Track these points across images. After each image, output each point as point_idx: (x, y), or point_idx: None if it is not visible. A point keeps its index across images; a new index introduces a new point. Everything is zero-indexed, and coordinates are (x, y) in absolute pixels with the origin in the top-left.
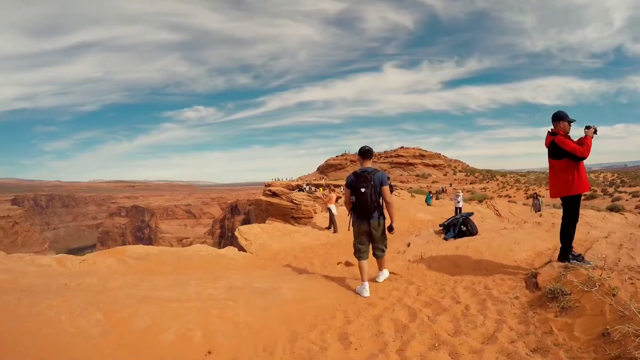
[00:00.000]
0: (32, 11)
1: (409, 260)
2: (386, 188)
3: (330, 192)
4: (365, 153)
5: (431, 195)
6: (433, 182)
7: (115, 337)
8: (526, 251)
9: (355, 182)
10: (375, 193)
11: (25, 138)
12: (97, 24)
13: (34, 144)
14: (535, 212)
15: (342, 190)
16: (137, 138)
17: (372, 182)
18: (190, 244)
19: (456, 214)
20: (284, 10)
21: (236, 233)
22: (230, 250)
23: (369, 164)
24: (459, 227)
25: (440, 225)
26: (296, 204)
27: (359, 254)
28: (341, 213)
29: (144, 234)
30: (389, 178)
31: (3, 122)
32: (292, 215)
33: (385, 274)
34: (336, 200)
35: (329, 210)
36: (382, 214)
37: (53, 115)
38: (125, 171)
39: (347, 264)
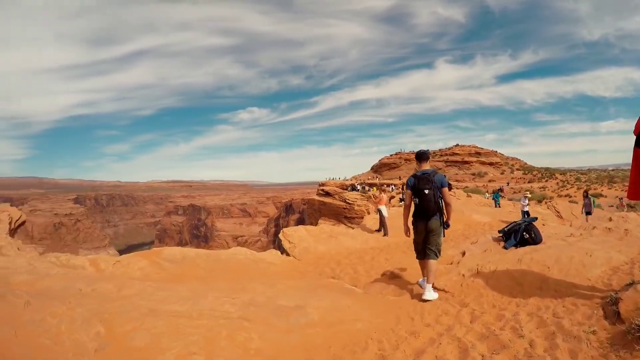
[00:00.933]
0: (88, 23)
1: (463, 275)
2: (446, 189)
3: (380, 192)
4: (422, 155)
5: (501, 194)
6: (489, 180)
7: (111, 354)
8: (601, 266)
9: (418, 184)
10: (436, 194)
11: (87, 142)
12: (151, 32)
13: (95, 147)
14: (585, 214)
15: (392, 189)
16: (194, 140)
17: (433, 183)
18: (245, 242)
19: (523, 218)
20: (333, 10)
21: (280, 235)
22: (270, 254)
23: (427, 166)
24: (520, 234)
25: (499, 232)
26: (349, 203)
27: (418, 253)
28: (392, 215)
29: (200, 232)
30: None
31: (66, 127)
32: (344, 215)
33: (432, 293)
34: (389, 201)
35: (379, 211)
36: (441, 214)
37: (112, 119)
38: (182, 171)
39: (393, 275)
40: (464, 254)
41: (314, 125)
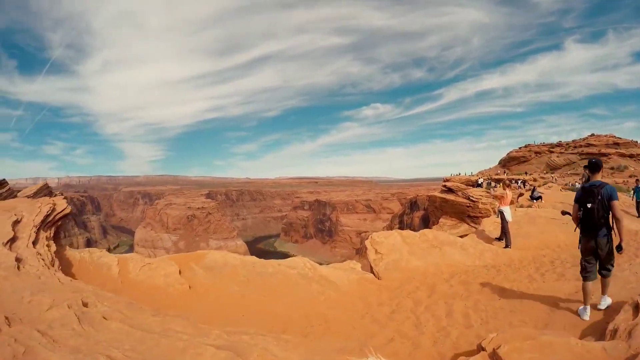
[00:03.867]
0: (211, 36)
1: None
2: (616, 203)
3: (505, 188)
4: (594, 166)
5: None
6: (630, 176)
7: None
8: None
9: (582, 197)
10: (603, 208)
11: (218, 142)
12: (271, 38)
13: (225, 147)
14: None
15: (518, 185)
16: (319, 138)
17: (599, 197)
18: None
19: None
20: None
21: (367, 242)
22: (340, 269)
23: (598, 177)
24: None
25: None
26: (473, 201)
27: (585, 273)
28: (517, 219)
29: (324, 227)
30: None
31: (198, 130)
32: (468, 214)
33: (607, 300)
34: (517, 199)
35: (501, 214)
36: (609, 231)
37: (240, 122)
38: (308, 168)
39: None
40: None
41: (438, 118)
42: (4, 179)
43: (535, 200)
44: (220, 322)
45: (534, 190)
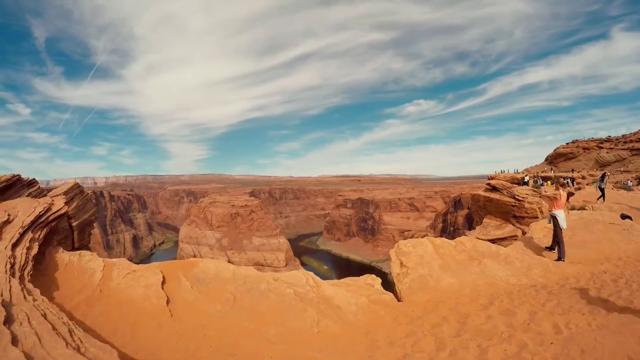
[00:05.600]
0: (252, 37)
1: None
2: None
3: (558, 188)
4: None
5: None
6: None
7: None
8: None
9: None
10: None
11: (261, 141)
12: (312, 36)
13: (269, 146)
14: None
15: (570, 184)
16: (362, 135)
17: None
18: (412, 236)
19: None
20: None
21: (392, 251)
22: (349, 287)
23: None
24: None
25: None
26: (518, 200)
27: None
28: (571, 224)
29: (367, 225)
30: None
31: (242, 129)
32: (513, 214)
33: None
34: (567, 200)
35: (554, 219)
36: None
37: (283, 120)
38: (351, 167)
39: None
40: None
41: (482, 114)
42: (34, 179)
43: (600, 194)
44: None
45: (603, 177)
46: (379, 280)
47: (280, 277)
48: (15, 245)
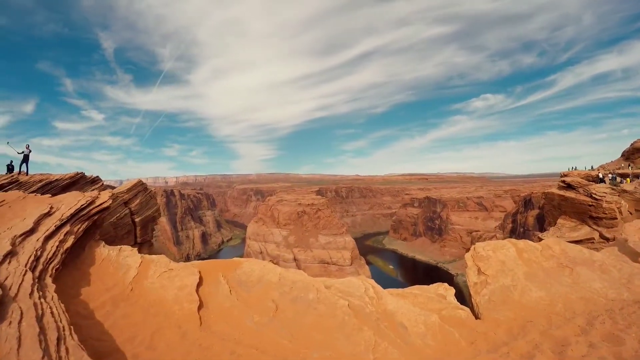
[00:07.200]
0: (313, 36)
1: None
2: None
3: None
4: None
5: None
6: None
7: None
8: None
9: None
10: None
11: (327, 140)
12: (373, 33)
13: (335, 145)
14: None
15: None
16: (429, 132)
17: None
18: (480, 237)
19: None
20: None
21: (468, 255)
22: (417, 300)
23: None
24: None
25: None
26: (596, 199)
27: None
28: None
29: (434, 224)
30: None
31: (308, 129)
32: (589, 215)
33: None
34: None
35: None
36: None
37: (349, 119)
38: (418, 165)
39: None
40: None
41: (553, 107)
42: (97, 176)
43: None
44: None
45: None
46: (452, 290)
47: (334, 284)
48: (48, 238)
